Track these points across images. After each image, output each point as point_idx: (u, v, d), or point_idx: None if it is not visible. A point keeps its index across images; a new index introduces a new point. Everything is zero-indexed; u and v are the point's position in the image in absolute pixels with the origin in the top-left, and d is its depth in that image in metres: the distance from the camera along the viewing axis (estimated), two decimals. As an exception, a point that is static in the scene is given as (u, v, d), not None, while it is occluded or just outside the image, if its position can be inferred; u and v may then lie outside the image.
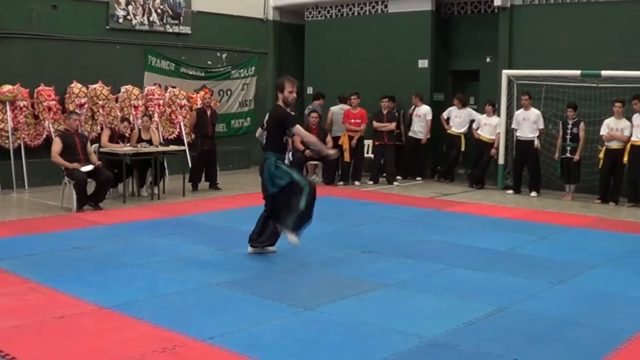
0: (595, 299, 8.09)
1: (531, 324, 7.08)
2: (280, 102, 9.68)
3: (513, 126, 16.70)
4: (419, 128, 18.63)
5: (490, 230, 12.23)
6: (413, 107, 18.77)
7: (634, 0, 16.13)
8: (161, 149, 15.38)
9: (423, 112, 18.56)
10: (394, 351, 6.18)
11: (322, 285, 8.48)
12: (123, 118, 15.99)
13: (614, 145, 15.20)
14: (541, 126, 16.31)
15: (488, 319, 7.18)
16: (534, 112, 16.36)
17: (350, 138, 18.05)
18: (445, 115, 18.49)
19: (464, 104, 18.27)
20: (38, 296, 7.69)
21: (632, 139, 14.93)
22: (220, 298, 7.80)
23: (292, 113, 9.94)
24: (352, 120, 18.10)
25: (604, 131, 15.29)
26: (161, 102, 18.49)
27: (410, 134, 18.82)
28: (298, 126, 9.59)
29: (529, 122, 16.31)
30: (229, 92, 21.22)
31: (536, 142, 16.30)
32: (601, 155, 15.42)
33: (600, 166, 15.49)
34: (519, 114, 16.54)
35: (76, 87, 16.70)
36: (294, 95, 9.64)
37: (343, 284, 8.43)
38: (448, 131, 18.34)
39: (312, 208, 9.35)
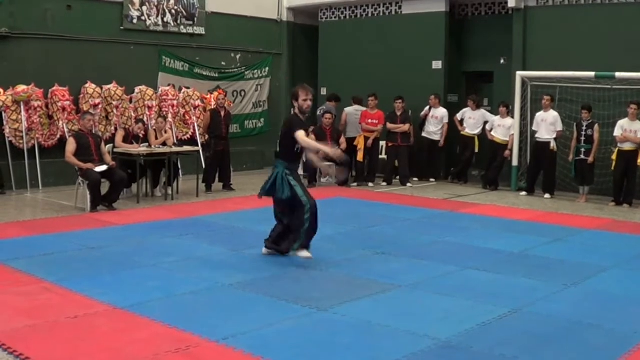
0: (608, 301, 8.08)
1: (544, 325, 7.07)
2: (296, 111, 9.61)
3: (533, 128, 16.64)
4: (434, 129, 18.60)
5: (503, 232, 12.21)
6: (428, 107, 18.72)
7: (648, 2, 16.13)
8: (175, 149, 15.41)
9: (441, 114, 18.54)
10: (406, 352, 6.18)
11: (334, 286, 8.48)
12: (138, 119, 16.01)
13: (627, 146, 15.17)
14: (559, 128, 16.26)
15: (501, 321, 7.17)
16: (552, 114, 16.31)
17: (366, 139, 18.05)
18: (459, 116, 18.48)
19: (477, 106, 18.26)
20: (52, 296, 7.72)
21: (646, 141, 14.94)
22: (234, 299, 7.81)
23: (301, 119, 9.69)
24: (370, 121, 18.11)
25: (617, 132, 15.26)
26: (175, 102, 18.53)
27: (424, 134, 18.79)
28: (299, 132, 9.32)
29: (546, 124, 16.27)
30: (242, 93, 21.24)
31: (552, 144, 16.24)
32: (614, 156, 15.39)
33: (613, 168, 15.45)
34: (539, 115, 16.50)
35: (90, 87, 16.76)
36: (309, 103, 9.51)
37: (356, 285, 8.44)
38: (462, 132, 18.33)
39: (315, 224, 9.43)
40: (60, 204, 14.20)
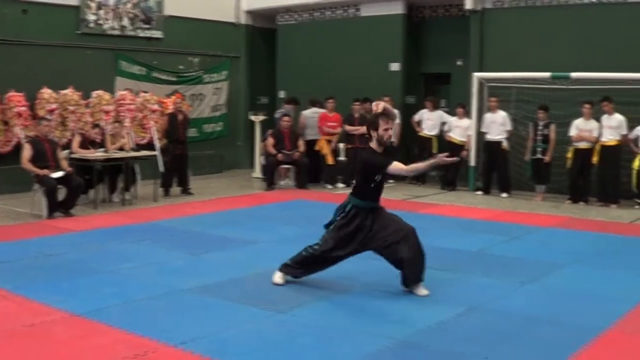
0: (564, 297, 8.20)
1: (502, 322, 7.17)
2: (373, 143, 8.42)
3: (482, 129, 16.80)
4: (388, 131, 18.62)
5: (461, 231, 12.31)
6: None
7: (602, 3, 16.30)
8: (132, 154, 15.33)
9: None
10: (364, 353, 6.22)
11: (293, 288, 8.47)
12: (94, 124, 15.90)
13: (583, 145, 15.38)
14: (509, 128, 16.49)
15: (458, 319, 7.24)
16: (501, 115, 16.53)
17: (329, 142, 18.08)
18: (416, 117, 18.54)
19: (435, 107, 18.34)
20: (8, 304, 7.65)
21: (602, 139, 15.12)
22: (192, 303, 7.79)
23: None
24: (329, 124, 18.14)
25: (572, 132, 15.45)
26: (133, 107, 18.40)
27: None
28: (396, 164, 8.30)
29: (496, 124, 16.50)
30: (201, 97, 21.19)
31: (504, 144, 16.40)
32: (569, 155, 15.57)
33: (569, 166, 15.63)
34: (488, 116, 16.71)
35: (46, 92, 16.61)
36: (390, 133, 8.46)
37: (314, 287, 8.45)
38: (419, 134, 18.39)
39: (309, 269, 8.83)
40: (16, 211, 14.04)
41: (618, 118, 15.08)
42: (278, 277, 8.60)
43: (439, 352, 6.31)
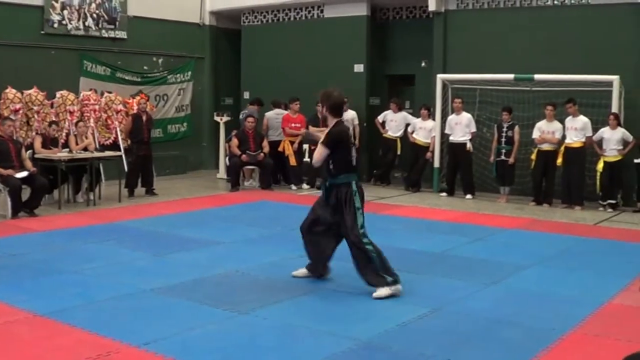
0: (527, 298, 8.25)
1: (464, 324, 7.21)
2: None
3: (446, 131, 16.90)
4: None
5: (425, 232, 12.38)
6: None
7: (565, 5, 16.44)
8: (97, 154, 15.28)
9: (349, 117, 18.53)
10: (327, 354, 6.25)
11: (256, 289, 8.50)
12: (51, 122, 15.78)
13: (546, 147, 15.49)
14: (473, 129, 16.59)
15: (421, 320, 7.28)
16: (466, 116, 16.61)
17: (292, 143, 18.11)
18: (380, 119, 18.59)
19: (399, 108, 18.41)
20: (-29, 304, 7.63)
21: (566, 141, 15.23)
22: (155, 304, 7.79)
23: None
24: (293, 125, 18.15)
25: (535, 134, 15.56)
26: (97, 107, 18.32)
27: None
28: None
29: (461, 126, 16.57)
30: (165, 97, 21.14)
31: (468, 145, 16.49)
32: (533, 156, 15.68)
33: (532, 168, 15.73)
34: (452, 118, 16.79)
35: (11, 92, 16.51)
36: None
37: (277, 288, 8.48)
38: (384, 135, 18.45)
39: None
40: (-20, 211, 14.01)
41: (583, 120, 15.18)
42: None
43: (401, 353, 6.34)
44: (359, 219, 8.41)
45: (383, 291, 8.07)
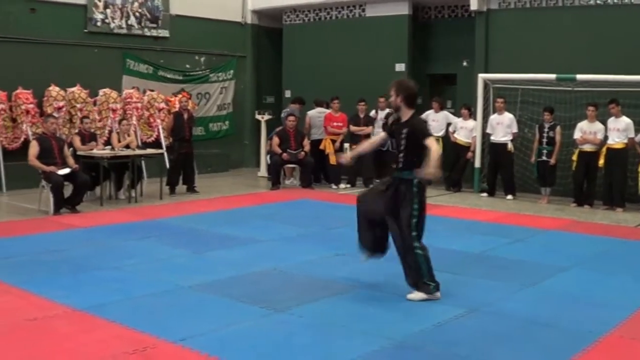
0: (564, 300, 8.17)
1: (500, 325, 7.17)
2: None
3: (488, 130, 16.82)
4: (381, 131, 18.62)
5: (464, 233, 12.33)
6: (375, 110, 18.70)
7: (608, 5, 16.30)
8: (139, 152, 15.42)
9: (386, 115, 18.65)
10: (362, 352, 6.25)
11: (294, 287, 8.54)
12: (83, 117, 15.88)
13: (588, 148, 15.34)
14: (515, 130, 16.48)
15: (457, 321, 7.25)
16: (508, 116, 16.51)
17: (334, 141, 18.15)
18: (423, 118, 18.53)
19: (441, 107, 18.35)
20: (11, 298, 7.72)
21: (608, 142, 15.07)
22: (192, 300, 7.84)
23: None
24: (334, 124, 18.18)
25: (577, 135, 15.43)
26: (139, 105, 18.50)
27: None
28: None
29: (502, 126, 16.46)
30: (207, 96, 21.27)
31: (510, 146, 16.40)
32: (574, 157, 15.54)
33: (573, 169, 15.61)
34: (493, 118, 16.69)
35: (54, 90, 16.71)
36: None
37: (315, 287, 8.51)
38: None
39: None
40: (24, 207, 14.15)
41: (625, 121, 15.02)
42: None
43: (436, 353, 6.33)
44: (414, 219, 8.06)
45: (420, 295, 8.01)
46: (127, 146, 15.38)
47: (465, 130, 17.47)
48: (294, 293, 8.22)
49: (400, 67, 19.54)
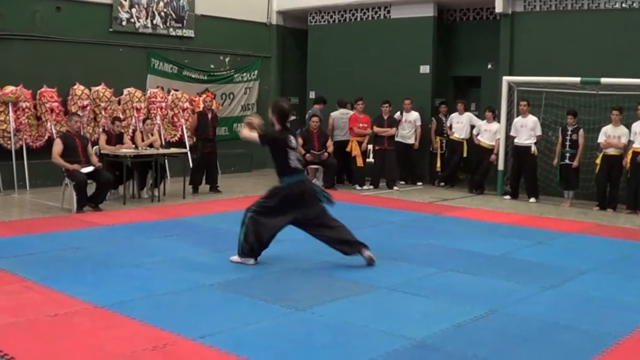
0: (585, 303, 8.13)
1: (520, 327, 7.14)
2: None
3: (511, 133, 16.75)
4: (408, 132, 18.68)
5: (486, 235, 12.29)
6: (400, 112, 18.73)
7: (633, 8, 16.23)
8: (162, 151, 15.49)
9: (413, 118, 18.63)
10: (381, 352, 6.24)
11: (315, 287, 8.54)
12: (114, 118, 15.93)
13: (611, 151, 15.27)
14: (539, 133, 16.41)
15: (477, 322, 7.23)
16: (532, 119, 16.44)
17: (359, 143, 18.16)
18: (447, 122, 18.55)
19: (465, 109, 18.34)
20: (33, 295, 7.77)
21: (634, 146, 14.95)
22: (213, 298, 7.87)
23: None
24: (360, 125, 18.19)
25: (601, 139, 15.35)
26: (163, 104, 18.58)
27: (398, 138, 18.66)
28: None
29: (526, 129, 16.39)
30: (231, 96, 21.33)
31: (533, 149, 16.34)
32: (598, 160, 15.47)
33: (597, 172, 15.54)
34: (517, 120, 16.63)
35: (79, 88, 16.81)
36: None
37: (335, 287, 8.51)
38: (450, 137, 18.43)
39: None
40: (47, 204, 14.24)
41: (652, 124, 15.00)
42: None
43: (455, 353, 6.31)
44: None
45: (235, 258, 9.54)
46: (151, 145, 15.44)
47: (489, 132, 17.43)
48: (314, 293, 8.22)
49: (424, 69, 19.54)
